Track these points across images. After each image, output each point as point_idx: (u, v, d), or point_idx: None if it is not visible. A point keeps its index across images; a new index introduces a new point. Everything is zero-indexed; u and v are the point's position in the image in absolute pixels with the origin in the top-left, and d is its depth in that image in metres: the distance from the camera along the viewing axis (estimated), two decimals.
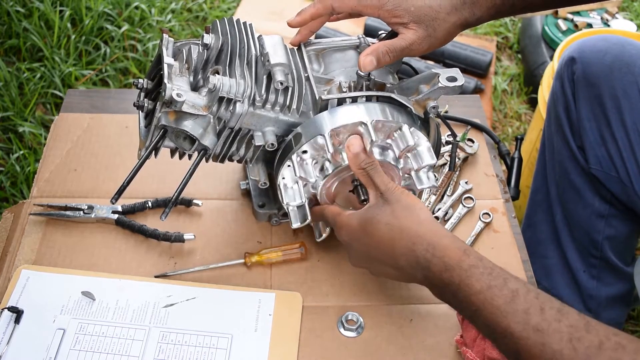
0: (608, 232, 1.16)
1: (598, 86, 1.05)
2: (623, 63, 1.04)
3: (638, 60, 1.04)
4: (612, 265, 1.18)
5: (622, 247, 1.19)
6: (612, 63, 1.05)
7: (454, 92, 0.78)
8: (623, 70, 1.03)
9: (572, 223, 1.18)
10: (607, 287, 1.20)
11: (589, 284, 1.20)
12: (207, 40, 0.79)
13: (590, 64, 1.07)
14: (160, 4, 2.08)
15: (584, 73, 1.07)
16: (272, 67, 0.75)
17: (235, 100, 0.75)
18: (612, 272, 1.19)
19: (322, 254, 0.91)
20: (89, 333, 0.80)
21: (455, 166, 1.03)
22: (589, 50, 1.08)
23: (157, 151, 0.78)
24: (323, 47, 0.86)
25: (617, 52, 1.06)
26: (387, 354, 0.81)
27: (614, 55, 1.05)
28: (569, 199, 1.16)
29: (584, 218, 1.16)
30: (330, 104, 0.78)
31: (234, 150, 0.81)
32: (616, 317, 1.26)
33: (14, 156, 1.59)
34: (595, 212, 1.14)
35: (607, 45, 1.08)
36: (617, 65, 1.04)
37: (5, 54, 1.88)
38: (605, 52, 1.06)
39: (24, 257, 0.88)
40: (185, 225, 0.93)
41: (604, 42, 1.09)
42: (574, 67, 1.09)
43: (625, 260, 1.20)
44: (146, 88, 0.78)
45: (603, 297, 1.20)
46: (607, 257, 1.18)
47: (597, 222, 1.15)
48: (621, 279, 1.21)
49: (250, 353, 0.79)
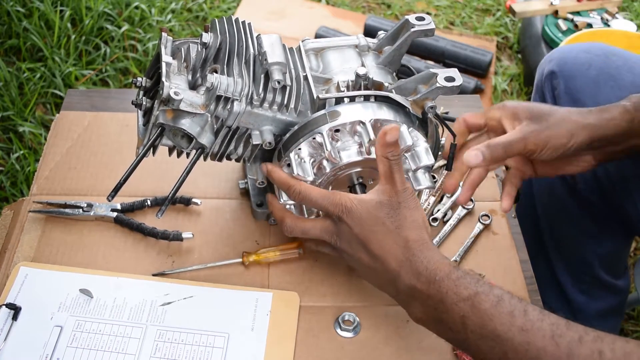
0: (599, 251, 1.12)
1: (583, 102, 0.98)
2: (609, 76, 0.98)
3: (625, 73, 0.98)
4: (604, 281, 1.15)
5: (612, 263, 1.16)
6: (597, 77, 0.99)
7: (452, 92, 0.78)
8: (609, 84, 0.98)
9: (560, 243, 1.14)
10: (597, 302, 1.17)
11: (579, 298, 1.17)
12: (205, 39, 0.79)
13: (573, 78, 1.01)
14: (160, 4, 2.08)
15: (566, 88, 1.01)
16: (270, 66, 0.75)
17: (233, 99, 0.75)
18: (602, 287, 1.16)
19: (320, 255, 0.91)
20: (86, 330, 0.80)
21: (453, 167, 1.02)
22: (570, 63, 1.02)
23: (154, 149, 0.78)
24: (322, 46, 0.86)
25: (601, 64, 1.00)
26: (384, 354, 0.81)
27: (599, 68, 0.99)
28: (556, 218, 1.13)
29: (573, 238, 1.12)
30: (328, 103, 0.79)
31: (232, 149, 0.82)
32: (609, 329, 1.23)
33: (14, 156, 1.59)
34: (585, 232, 1.10)
35: (590, 57, 1.01)
36: (603, 79, 0.98)
37: (5, 54, 1.88)
38: (588, 65, 1.00)
39: (23, 254, 0.88)
40: (184, 223, 0.94)
41: (586, 54, 1.02)
42: (555, 82, 1.03)
43: (616, 275, 1.17)
44: (145, 86, 0.78)
45: (593, 312, 1.18)
46: (598, 274, 1.14)
47: (587, 242, 1.12)
48: (612, 292, 1.18)
49: (247, 352, 0.79)
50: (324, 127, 0.76)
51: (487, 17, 2.27)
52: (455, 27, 2.23)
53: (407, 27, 0.81)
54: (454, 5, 2.33)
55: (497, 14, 2.28)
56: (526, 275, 0.90)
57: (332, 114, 0.77)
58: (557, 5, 1.95)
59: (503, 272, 0.90)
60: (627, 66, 0.99)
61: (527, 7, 1.96)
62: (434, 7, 2.32)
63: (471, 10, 2.30)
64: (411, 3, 2.31)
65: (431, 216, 0.96)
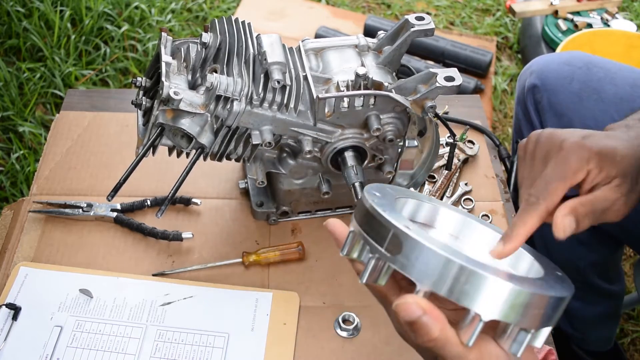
0: (591, 258, 1.11)
1: (568, 116, 0.97)
2: (591, 90, 0.96)
3: (607, 85, 0.96)
4: (597, 287, 1.14)
5: (605, 269, 1.15)
6: (580, 91, 0.97)
7: (451, 92, 0.78)
8: (593, 97, 0.95)
9: (552, 250, 1.13)
10: (592, 307, 1.16)
11: (574, 304, 1.15)
12: (205, 39, 0.79)
13: (556, 92, 0.98)
14: (160, 4, 2.08)
15: (549, 102, 0.99)
16: (270, 65, 0.75)
17: (233, 99, 0.75)
18: (597, 293, 1.15)
19: (320, 255, 0.91)
20: (86, 330, 0.80)
21: (455, 167, 1.02)
22: (553, 77, 1.00)
23: (154, 149, 0.78)
24: (322, 46, 0.86)
25: (583, 77, 0.98)
26: (384, 354, 0.81)
27: (581, 82, 0.97)
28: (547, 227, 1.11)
29: (564, 246, 1.08)
30: (327, 102, 0.79)
31: (232, 149, 0.82)
32: (606, 334, 1.22)
33: (14, 156, 1.59)
34: (576, 239, 1.07)
35: (572, 70, 0.99)
36: (586, 93, 0.96)
37: (5, 54, 1.88)
38: (571, 79, 0.98)
39: (23, 254, 0.88)
40: (184, 223, 0.94)
41: (568, 66, 1.00)
42: (538, 96, 1.01)
43: (610, 280, 1.16)
44: (145, 86, 0.78)
45: (589, 317, 1.17)
46: (592, 281, 1.13)
47: (579, 250, 1.10)
48: (607, 298, 1.17)
49: (247, 352, 0.79)
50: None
51: (487, 17, 2.27)
52: (455, 27, 2.23)
53: (406, 27, 0.81)
54: (454, 5, 2.33)
55: (497, 14, 2.28)
56: None
57: None
58: (557, 5, 1.95)
59: None
60: (609, 77, 0.97)
61: (527, 7, 1.96)
62: (434, 7, 2.32)
63: (471, 10, 2.30)
64: (411, 3, 2.31)
65: None
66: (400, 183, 0.94)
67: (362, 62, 0.84)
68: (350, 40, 0.86)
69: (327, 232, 0.64)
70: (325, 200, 0.91)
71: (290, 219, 0.94)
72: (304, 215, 0.94)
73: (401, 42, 0.82)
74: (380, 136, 0.82)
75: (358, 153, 0.84)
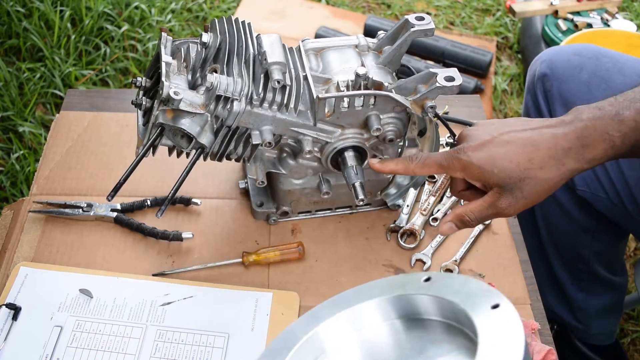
0: (595, 246, 1.12)
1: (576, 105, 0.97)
2: (600, 79, 0.98)
3: (615, 75, 0.98)
4: (601, 277, 1.15)
5: (610, 259, 1.16)
6: (589, 80, 0.99)
7: (451, 92, 0.78)
8: (601, 87, 0.98)
9: (557, 238, 1.14)
10: (596, 299, 1.17)
11: (578, 296, 1.17)
12: (205, 39, 0.79)
13: (565, 81, 1.01)
14: (160, 4, 2.08)
15: (559, 91, 1.01)
16: (270, 65, 0.75)
17: (233, 99, 0.75)
18: (600, 284, 1.16)
19: (320, 254, 0.91)
20: (86, 330, 0.80)
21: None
22: (562, 67, 1.02)
23: (154, 149, 0.78)
24: (322, 46, 0.86)
25: (592, 67, 1.00)
26: None
27: (590, 72, 1.00)
28: (552, 214, 1.12)
29: (569, 234, 1.12)
30: (327, 102, 0.79)
31: (232, 149, 0.82)
32: (608, 327, 1.23)
33: (14, 156, 1.59)
34: (581, 227, 1.10)
35: (581, 60, 1.02)
36: (595, 83, 0.98)
37: (5, 54, 1.88)
38: (580, 69, 1.00)
39: (23, 254, 0.88)
40: (184, 223, 0.94)
41: (577, 57, 1.02)
42: (547, 84, 1.03)
43: (613, 271, 1.17)
44: (145, 86, 0.79)
45: (592, 309, 1.18)
46: (596, 270, 1.14)
47: (583, 238, 1.11)
48: (610, 289, 1.18)
49: (247, 352, 0.79)
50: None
51: (487, 17, 2.27)
52: (455, 27, 2.23)
53: (406, 27, 0.81)
54: (454, 5, 2.33)
55: (497, 14, 2.28)
56: (526, 275, 0.90)
57: None
58: (557, 5, 1.95)
59: (503, 272, 0.90)
60: (617, 67, 1.00)
61: (527, 7, 1.96)
62: (434, 7, 2.32)
63: (471, 10, 2.30)
64: (411, 3, 2.31)
65: (431, 216, 0.96)
66: (401, 183, 0.94)
67: (362, 62, 0.84)
68: (350, 41, 0.86)
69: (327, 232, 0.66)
70: (325, 200, 0.91)
71: (290, 219, 0.94)
72: (304, 215, 0.94)
73: (401, 42, 0.82)
74: (380, 136, 0.82)
75: (358, 153, 0.84)
